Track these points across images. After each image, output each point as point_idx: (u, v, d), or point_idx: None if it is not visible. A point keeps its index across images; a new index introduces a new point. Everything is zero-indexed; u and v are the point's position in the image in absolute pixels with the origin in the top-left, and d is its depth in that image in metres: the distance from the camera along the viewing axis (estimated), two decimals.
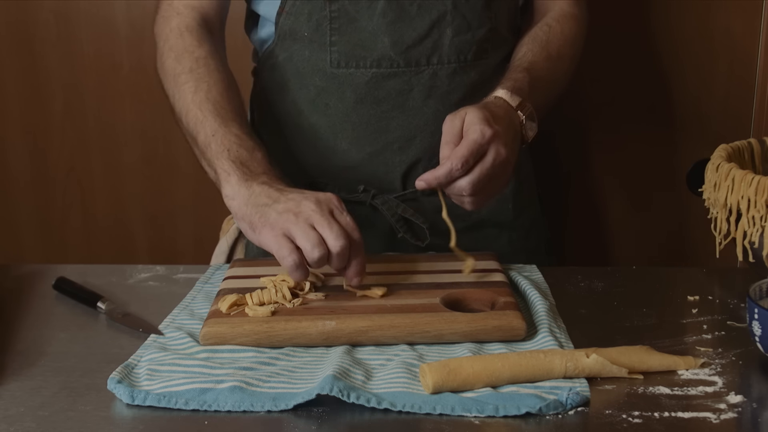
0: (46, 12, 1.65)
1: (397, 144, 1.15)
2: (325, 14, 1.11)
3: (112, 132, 1.71)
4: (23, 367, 0.84)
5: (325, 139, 1.17)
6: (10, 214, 1.77)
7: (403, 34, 1.11)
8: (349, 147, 1.16)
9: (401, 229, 1.15)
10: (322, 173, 1.18)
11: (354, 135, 1.15)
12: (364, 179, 1.17)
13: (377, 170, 1.17)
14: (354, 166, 1.17)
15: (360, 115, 1.14)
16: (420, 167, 1.16)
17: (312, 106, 1.16)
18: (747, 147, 1.08)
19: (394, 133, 1.15)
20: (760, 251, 0.92)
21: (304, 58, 1.15)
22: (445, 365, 0.76)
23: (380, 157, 1.16)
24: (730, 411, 0.74)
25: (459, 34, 1.12)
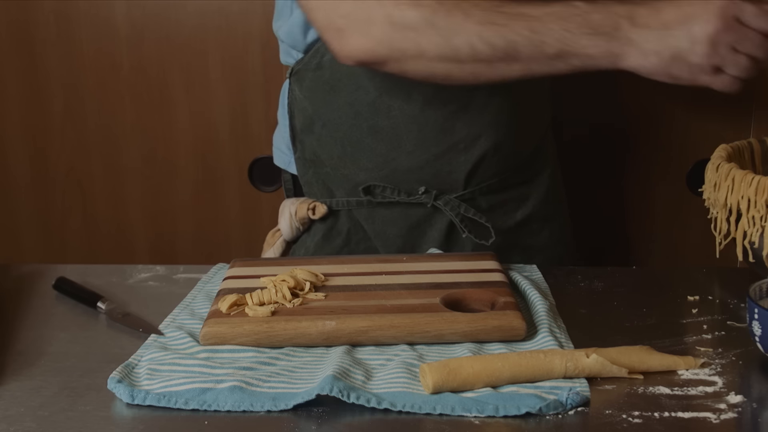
0: (46, 12, 1.65)
1: (462, 144, 1.13)
2: None
3: (112, 132, 1.71)
4: (23, 367, 0.84)
5: (387, 142, 1.13)
6: (10, 214, 1.77)
7: None
8: (413, 149, 1.13)
9: (466, 229, 1.15)
10: (381, 177, 1.15)
11: (420, 137, 1.13)
12: (426, 180, 1.15)
13: (441, 171, 1.15)
14: (417, 167, 1.14)
15: (427, 116, 1.12)
16: (485, 164, 1.15)
17: (371, 108, 1.12)
18: (747, 147, 1.08)
19: (460, 133, 1.13)
20: (760, 251, 0.92)
21: None
22: (445, 365, 0.76)
23: (445, 157, 1.14)
24: (730, 411, 0.74)
25: None
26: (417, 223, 1.17)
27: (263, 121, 1.68)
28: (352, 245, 1.21)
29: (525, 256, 1.20)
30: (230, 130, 1.69)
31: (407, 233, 1.17)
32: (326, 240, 1.21)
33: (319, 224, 1.21)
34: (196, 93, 1.68)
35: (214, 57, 1.65)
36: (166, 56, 1.66)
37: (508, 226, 1.20)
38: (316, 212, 1.20)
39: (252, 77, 1.66)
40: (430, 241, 1.17)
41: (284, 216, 1.23)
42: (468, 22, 0.93)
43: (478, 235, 1.15)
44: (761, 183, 0.90)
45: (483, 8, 0.93)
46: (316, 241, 1.22)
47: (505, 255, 1.15)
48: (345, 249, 1.21)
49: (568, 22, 0.91)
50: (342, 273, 0.99)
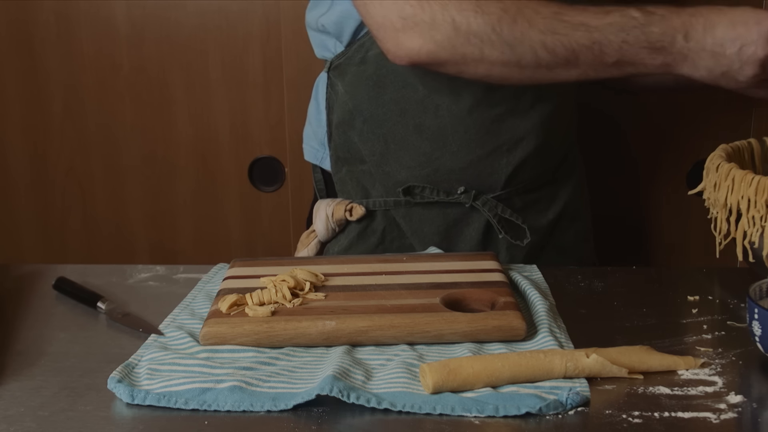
0: (46, 12, 1.65)
1: (506, 146, 1.14)
2: None
3: (111, 132, 1.71)
4: (23, 367, 0.84)
5: (432, 141, 1.14)
6: (10, 215, 1.77)
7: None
8: (458, 149, 1.14)
9: (502, 230, 1.16)
10: (422, 176, 1.15)
11: (466, 138, 1.13)
12: (467, 180, 1.15)
13: (483, 172, 1.15)
14: (460, 168, 1.15)
15: (474, 118, 1.12)
16: (525, 166, 1.16)
17: (419, 106, 1.12)
18: (747, 147, 1.08)
19: (505, 135, 1.14)
20: (760, 251, 0.92)
21: None
22: (445, 365, 0.76)
23: (488, 159, 1.15)
24: (730, 411, 0.74)
25: None
26: (454, 222, 1.18)
27: (263, 121, 1.68)
28: (387, 243, 1.21)
29: (553, 255, 1.22)
30: (230, 130, 1.69)
31: (444, 231, 1.18)
32: (361, 239, 1.21)
33: (355, 223, 1.21)
34: (196, 93, 1.68)
35: (214, 57, 1.65)
36: (166, 56, 1.66)
37: (540, 224, 1.21)
38: (353, 214, 1.19)
39: (252, 77, 1.66)
40: (467, 240, 1.18)
41: (320, 217, 1.22)
42: (531, 30, 0.95)
43: (514, 236, 1.17)
44: (761, 183, 0.90)
45: (545, 16, 0.96)
46: (350, 239, 1.22)
47: (536, 254, 1.18)
48: (380, 247, 1.21)
49: (627, 34, 0.95)
50: (342, 273, 0.99)
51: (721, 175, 0.96)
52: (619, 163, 1.66)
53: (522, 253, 1.19)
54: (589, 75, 0.99)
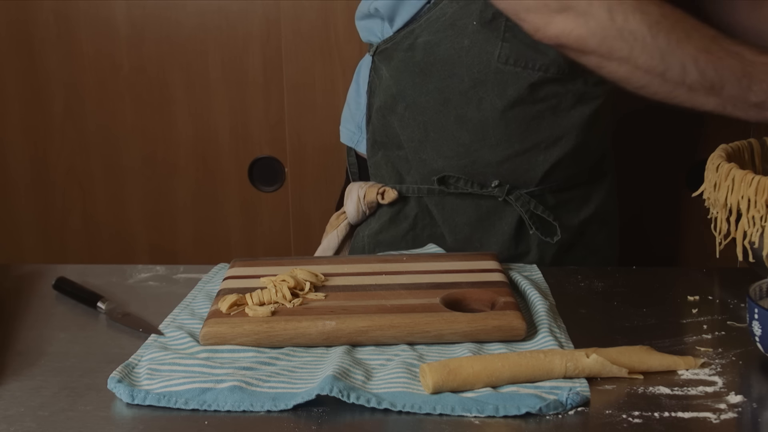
0: (46, 12, 1.65)
1: (544, 144, 1.15)
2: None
3: (112, 132, 1.71)
4: (23, 367, 0.84)
5: (472, 133, 1.14)
6: (10, 215, 1.77)
7: None
8: (497, 143, 1.14)
9: (533, 225, 1.16)
10: (459, 167, 1.16)
11: (506, 132, 1.14)
12: (502, 174, 1.16)
13: (519, 167, 1.16)
14: (497, 162, 1.15)
15: (516, 113, 1.13)
16: (562, 164, 1.17)
17: (463, 97, 1.13)
18: (747, 147, 1.08)
19: (544, 133, 1.14)
20: (760, 251, 0.92)
21: (461, 46, 1.11)
22: (445, 365, 0.76)
23: (526, 154, 1.15)
24: (730, 411, 0.74)
25: None
26: (487, 215, 1.18)
27: (263, 121, 1.68)
28: (418, 230, 1.22)
29: (582, 256, 1.23)
30: (230, 130, 1.69)
31: (476, 223, 1.19)
32: (393, 223, 1.22)
33: (387, 207, 1.22)
34: (196, 93, 1.68)
35: (214, 57, 1.65)
36: (166, 56, 1.66)
37: (571, 224, 1.21)
38: (385, 197, 1.20)
39: (252, 77, 1.66)
40: (499, 233, 1.19)
41: (351, 199, 1.23)
42: (687, 43, 0.92)
43: (545, 233, 1.17)
44: (761, 183, 0.90)
45: (703, 35, 0.93)
46: (381, 223, 1.22)
47: (565, 253, 1.18)
48: (410, 234, 1.22)
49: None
50: (342, 273, 0.99)
51: (721, 175, 0.96)
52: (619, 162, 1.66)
53: (552, 251, 1.19)
54: (726, 109, 0.95)
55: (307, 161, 1.70)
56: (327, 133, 1.65)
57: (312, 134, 1.69)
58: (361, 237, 1.24)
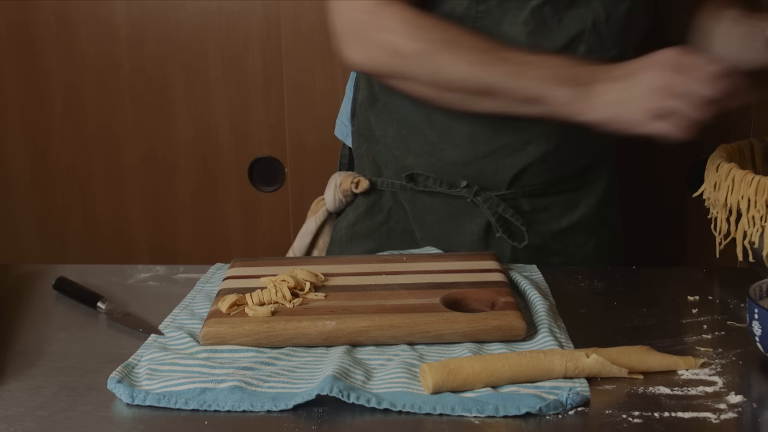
0: (46, 12, 1.65)
1: (511, 147, 1.15)
2: (471, 13, 1.10)
3: (112, 132, 1.71)
4: (23, 367, 0.84)
5: (438, 132, 1.17)
6: (10, 215, 1.77)
7: (540, 46, 1.10)
8: (462, 143, 1.16)
9: (500, 228, 1.16)
10: (428, 165, 1.18)
11: (470, 133, 1.15)
12: (470, 176, 1.17)
13: (486, 169, 1.17)
14: (463, 162, 1.17)
15: (480, 115, 1.13)
16: (531, 170, 1.16)
17: None
18: (747, 147, 1.08)
19: (510, 137, 1.15)
20: (760, 251, 0.92)
21: None
22: (445, 365, 0.76)
23: (492, 157, 1.16)
24: (730, 411, 0.74)
25: (591, 52, 1.12)
26: (456, 215, 1.18)
27: (263, 121, 1.68)
28: (392, 224, 1.24)
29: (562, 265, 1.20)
30: (230, 130, 1.69)
31: (446, 222, 1.19)
32: (368, 215, 1.24)
33: (363, 198, 1.25)
34: (196, 93, 1.68)
35: (214, 57, 1.65)
36: (166, 56, 1.66)
37: (550, 231, 1.20)
38: (359, 186, 1.23)
39: (252, 77, 1.66)
40: (467, 234, 1.19)
41: (330, 186, 1.27)
42: (459, 59, 1.04)
43: (513, 237, 1.17)
44: (761, 183, 0.90)
45: (473, 49, 1.05)
46: (357, 214, 1.25)
47: (543, 261, 1.16)
48: (384, 226, 1.24)
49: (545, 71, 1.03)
50: (342, 273, 0.99)
51: (721, 175, 0.96)
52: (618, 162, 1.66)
53: (526, 256, 1.18)
54: (508, 108, 1.06)
55: (307, 161, 1.70)
56: (327, 133, 1.65)
57: (312, 134, 1.69)
58: (339, 228, 1.27)
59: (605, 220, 1.27)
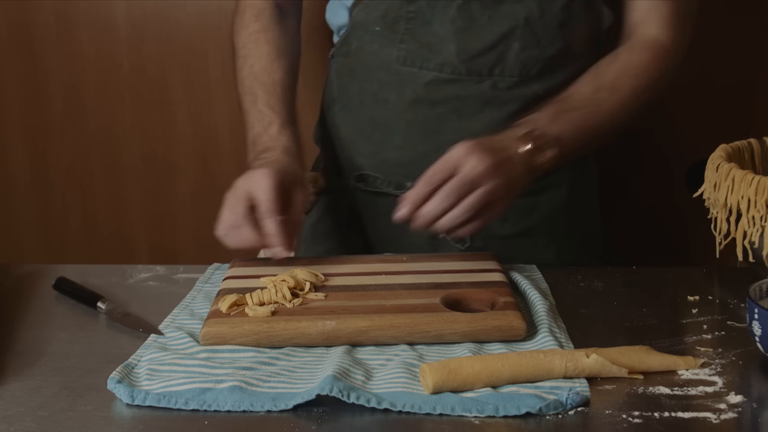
0: (46, 12, 1.65)
1: (447, 147, 1.14)
2: (402, 14, 1.12)
3: (112, 132, 1.71)
4: (23, 367, 0.84)
5: (380, 134, 1.18)
6: (10, 215, 1.77)
7: (469, 44, 1.11)
8: (401, 144, 1.17)
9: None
10: (374, 166, 1.20)
11: (407, 133, 1.16)
12: (414, 176, 1.16)
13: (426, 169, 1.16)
14: (405, 163, 1.17)
15: (415, 114, 1.15)
16: None
17: (373, 99, 1.17)
18: (747, 147, 1.08)
19: (447, 137, 1.14)
20: (760, 251, 0.92)
21: (373, 50, 1.16)
22: (445, 365, 0.76)
23: (431, 158, 1.14)
24: (730, 411, 0.74)
25: (526, 49, 1.12)
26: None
27: None
28: (349, 224, 1.26)
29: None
30: (230, 130, 1.69)
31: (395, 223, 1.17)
32: (328, 215, 1.27)
33: (324, 200, 1.27)
34: (196, 93, 1.68)
35: (214, 57, 1.65)
36: (166, 56, 1.66)
37: (502, 234, 1.18)
38: (316, 185, 1.26)
39: None
40: (416, 235, 1.17)
41: None
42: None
43: (455, 238, 1.16)
44: (761, 183, 0.90)
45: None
46: (319, 214, 1.28)
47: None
48: (342, 226, 1.26)
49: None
50: (342, 273, 0.99)
51: (721, 175, 0.96)
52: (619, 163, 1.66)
53: None
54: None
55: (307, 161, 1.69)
56: None
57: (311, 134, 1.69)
58: (305, 228, 1.29)
59: (571, 226, 1.25)
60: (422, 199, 0.92)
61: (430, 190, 0.92)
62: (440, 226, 0.92)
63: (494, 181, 0.93)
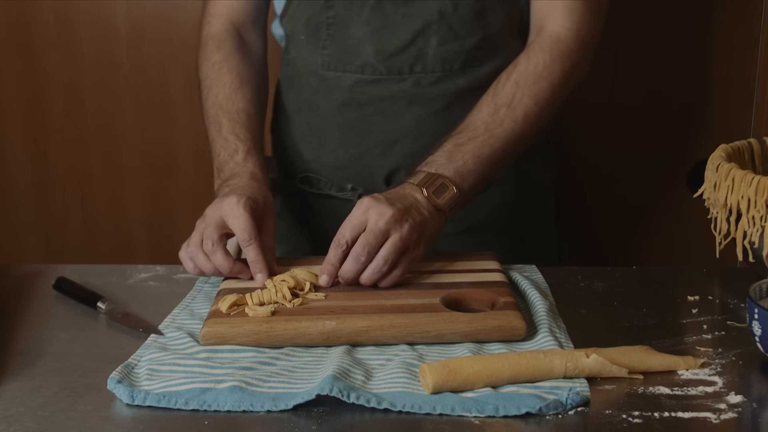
0: (46, 12, 1.65)
1: (379, 148, 1.18)
2: (323, 20, 1.14)
3: (112, 132, 1.71)
4: (23, 367, 0.84)
5: (317, 138, 1.21)
6: (10, 214, 1.77)
7: (386, 43, 1.13)
8: (335, 147, 1.19)
9: None
10: (316, 169, 1.22)
11: (340, 136, 1.19)
12: (353, 178, 1.20)
13: (363, 171, 1.19)
14: (342, 165, 1.20)
15: (345, 117, 1.17)
16: (403, 172, 1.17)
17: (307, 105, 1.20)
18: (747, 147, 1.08)
19: (377, 137, 1.17)
20: (760, 251, 0.92)
21: (303, 58, 1.19)
22: (445, 365, 0.76)
23: (364, 159, 1.19)
24: (730, 411, 0.74)
25: (445, 43, 1.13)
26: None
27: None
28: (301, 227, 1.27)
29: None
30: None
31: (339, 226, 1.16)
32: (281, 218, 1.27)
33: (278, 202, 1.27)
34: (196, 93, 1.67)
35: None
36: (166, 56, 1.66)
37: (446, 232, 1.13)
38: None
39: None
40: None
41: None
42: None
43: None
44: (761, 183, 0.90)
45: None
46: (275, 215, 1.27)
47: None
48: (295, 229, 1.28)
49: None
50: None
51: (721, 175, 0.96)
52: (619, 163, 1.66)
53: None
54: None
55: None
56: None
57: None
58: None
59: (517, 224, 1.25)
60: (339, 262, 0.94)
61: (342, 251, 0.94)
62: (363, 281, 0.93)
63: (402, 229, 0.94)
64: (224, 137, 1.12)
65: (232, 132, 1.12)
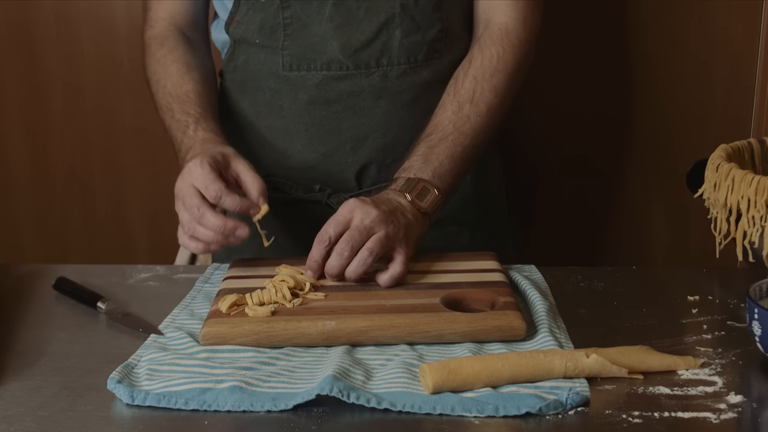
0: (46, 12, 1.65)
1: (349, 144, 1.17)
2: (279, 21, 1.14)
3: (112, 131, 1.71)
4: (23, 367, 0.84)
5: (281, 140, 1.19)
6: (10, 214, 1.77)
7: (351, 38, 1.13)
8: (303, 148, 1.18)
9: None
10: (280, 174, 1.21)
11: (307, 136, 1.18)
12: (320, 179, 1.20)
13: (332, 170, 1.19)
14: (309, 166, 1.19)
15: (312, 116, 1.16)
16: (373, 167, 1.18)
17: (267, 108, 1.19)
18: (747, 147, 1.08)
19: (346, 134, 1.17)
20: (760, 251, 0.92)
21: (258, 61, 1.17)
22: (445, 365, 0.76)
23: (334, 157, 1.18)
24: (730, 411, 0.74)
25: (408, 35, 1.14)
26: (316, 221, 1.13)
27: None
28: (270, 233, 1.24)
29: None
30: None
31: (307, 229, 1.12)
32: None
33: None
34: None
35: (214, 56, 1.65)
36: None
37: None
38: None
39: None
40: None
41: None
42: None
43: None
44: (761, 183, 0.90)
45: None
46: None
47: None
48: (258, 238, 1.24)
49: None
50: None
51: (721, 175, 0.96)
52: (619, 162, 1.66)
53: None
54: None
55: None
56: None
57: None
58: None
59: (482, 214, 1.26)
60: (322, 258, 0.95)
61: (325, 247, 0.95)
62: (348, 276, 0.94)
63: (387, 227, 0.95)
64: (177, 119, 1.12)
65: (182, 112, 1.12)
